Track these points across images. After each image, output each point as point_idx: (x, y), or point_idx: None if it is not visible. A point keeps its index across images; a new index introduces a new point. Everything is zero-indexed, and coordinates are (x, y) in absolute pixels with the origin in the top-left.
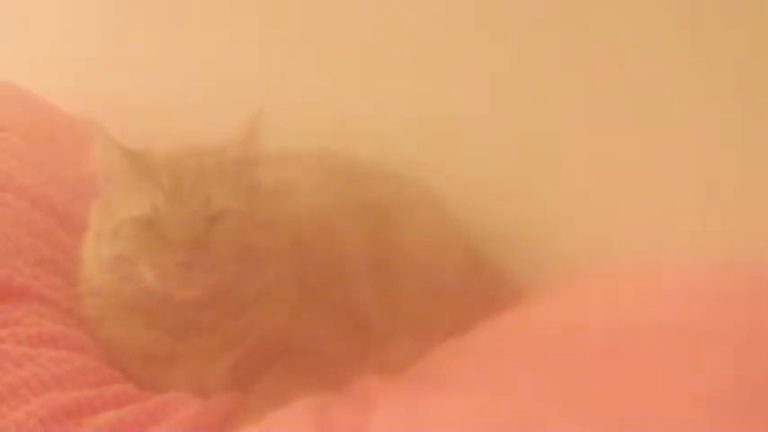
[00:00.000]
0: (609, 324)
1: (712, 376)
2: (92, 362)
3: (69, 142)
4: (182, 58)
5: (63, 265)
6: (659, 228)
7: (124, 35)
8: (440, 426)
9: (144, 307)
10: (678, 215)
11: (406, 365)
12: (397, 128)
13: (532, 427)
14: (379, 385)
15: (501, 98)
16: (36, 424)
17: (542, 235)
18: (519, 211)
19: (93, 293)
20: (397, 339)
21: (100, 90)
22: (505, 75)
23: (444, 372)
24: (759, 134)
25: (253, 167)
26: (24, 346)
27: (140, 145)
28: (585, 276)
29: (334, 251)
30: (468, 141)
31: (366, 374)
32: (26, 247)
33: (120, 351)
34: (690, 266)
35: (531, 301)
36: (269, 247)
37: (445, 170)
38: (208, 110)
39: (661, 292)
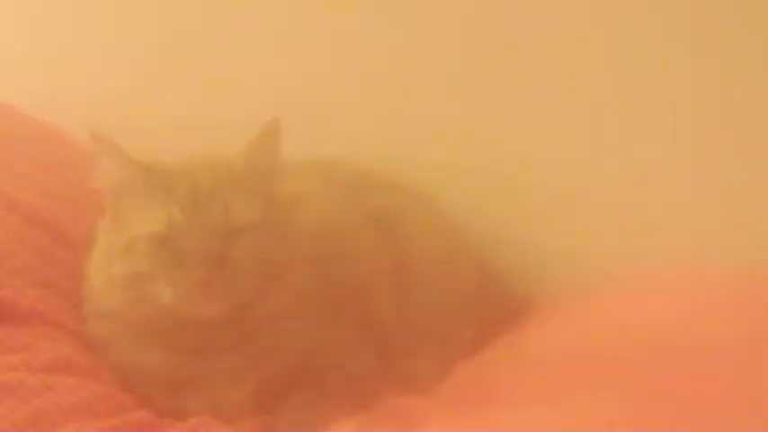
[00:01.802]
0: (637, 335)
1: None
2: (107, 388)
3: (52, 153)
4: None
5: (64, 285)
6: (669, 235)
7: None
8: None
9: (159, 327)
10: (693, 220)
11: (431, 381)
12: (397, 134)
13: None
14: (418, 405)
15: (507, 101)
16: None
17: (546, 246)
18: (519, 218)
19: (101, 315)
20: (417, 354)
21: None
22: (512, 77)
23: (483, 389)
24: None
25: (270, 177)
26: (40, 373)
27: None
28: (598, 290)
29: (352, 264)
30: (470, 154)
31: (397, 393)
32: (26, 267)
33: (134, 375)
34: (706, 275)
35: (547, 313)
36: (288, 261)
37: (445, 177)
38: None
39: (683, 303)
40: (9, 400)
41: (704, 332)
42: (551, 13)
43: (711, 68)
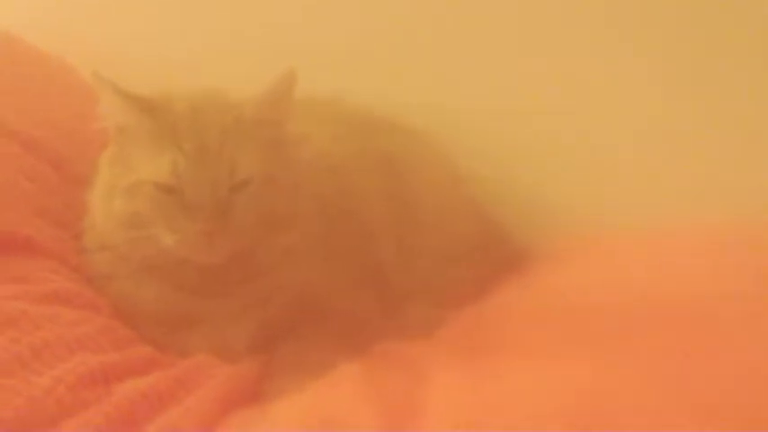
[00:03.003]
0: (637, 288)
1: None
2: (109, 322)
3: (55, 84)
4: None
5: (63, 215)
6: (666, 189)
7: None
8: (508, 390)
9: (160, 266)
10: (687, 175)
11: (429, 327)
12: (401, 76)
13: (607, 393)
14: (419, 350)
15: (509, 59)
16: (64, 391)
17: (544, 195)
18: (520, 170)
19: (101, 248)
20: (416, 299)
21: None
22: (516, 35)
23: (483, 337)
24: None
25: (280, 128)
26: (41, 304)
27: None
28: (597, 240)
29: (354, 206)
30: (473, 100)
31: (398, 338)
32: (26, 196)
33: (134, 311)
34: (707, 228)
35: (545, 264)
36: (293, 209)
37: (450, 126)
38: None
39: (683, 256)
40: (11, 330)
41: (703, 286)
42: None
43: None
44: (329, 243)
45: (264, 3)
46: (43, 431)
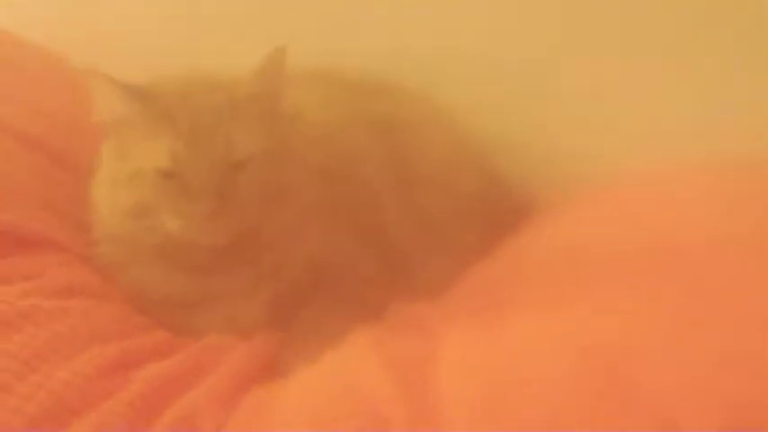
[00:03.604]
0: (644, 237)
1: None
2: (121, 310)
3: (41, 72)
4: None
5: (67, 208)
6: (670, 130)
7: None
8: (524, 339)
9: (169, 252)
10: (689, 112)
11: (439, 288)
12: (398, 42)
13: (628, 336)
14: (432, 312)
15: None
16: (85, 383)
17: (547, 145)
18: (523, 121)
19: (109, 240)
20: (423, 260)
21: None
22: None
23: (494, 294)
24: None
25: (274, 105)
26: (54, 299)
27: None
28: (601, 188)
29: (355, 170)
30: (474, 53)
31: (409, 301)
32: (29, 190)
33: (146, 297)
34: (709, 169)
35: (551, 217)
36: (293, 179)
37: (450, 83)
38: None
39: (688, 200)
40: (28, 326)
41: (707, 229)
42: None
43: None
44: (332, 210)
45: None
46: (67, 425)
